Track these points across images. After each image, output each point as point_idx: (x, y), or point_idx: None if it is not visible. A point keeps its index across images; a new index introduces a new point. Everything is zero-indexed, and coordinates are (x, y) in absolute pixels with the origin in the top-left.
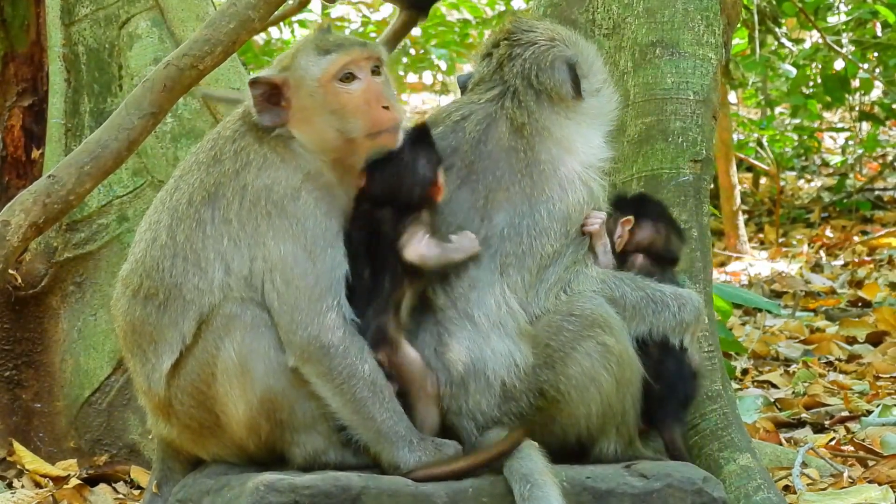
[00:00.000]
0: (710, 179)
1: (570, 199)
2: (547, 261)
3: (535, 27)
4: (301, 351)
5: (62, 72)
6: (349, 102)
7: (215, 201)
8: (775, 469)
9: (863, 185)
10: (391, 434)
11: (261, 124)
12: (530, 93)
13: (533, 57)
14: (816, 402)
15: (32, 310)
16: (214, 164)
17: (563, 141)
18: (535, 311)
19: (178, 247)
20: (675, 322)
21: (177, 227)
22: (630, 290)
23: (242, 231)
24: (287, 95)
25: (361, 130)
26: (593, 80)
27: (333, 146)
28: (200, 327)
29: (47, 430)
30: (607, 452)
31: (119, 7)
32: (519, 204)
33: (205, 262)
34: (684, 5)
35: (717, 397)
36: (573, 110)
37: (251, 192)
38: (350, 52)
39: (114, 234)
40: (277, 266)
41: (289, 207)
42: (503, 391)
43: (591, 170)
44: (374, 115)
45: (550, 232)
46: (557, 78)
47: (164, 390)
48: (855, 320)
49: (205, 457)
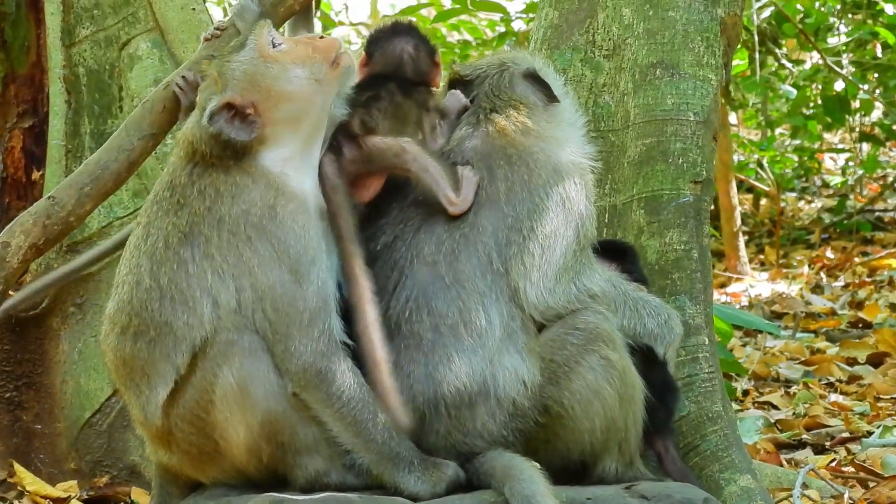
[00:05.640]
0: (711, 200)
1: (566, 182)
2: (549, 241)
3: (479, 64)
4: (298, 378)
5: (62, 93)
6: (294, 52)
7: (193, 240)
8: (776, 490)
9: (863, 206)
10: (392, 455)
11: (240, 142)
12: (505, 108)
13: (490, 86)
14: (817, 423)
15: (33, 331)
16: (182, 208)
17: (550, 138)
18: (548, 300)
19: (163, 289)
20: (665, 330)
21: (158, 270)
22: (631, 289)
23: (226, 263)
24: (245, 102)
25: (324, 62)
26: (555, 87)
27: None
28: (195, 358)
29: (48, 452)
30: (609, 472)
31: (119, 29)
32: (518, 191)
33: (192, 301)
34: (684, 26)
35: (717, 418)
36: (550, 114)
37: (229, 222)
38: (254, 29)
39: (114, 257)
40: (266, 294)
41: (268, 227)
42: (513, 410)
43: (581, 161)
44: (321, 44)
45: (548, 213)
46: (521, 93)
47: (162, 420)
48: (855, 341)
49: (204, 480)
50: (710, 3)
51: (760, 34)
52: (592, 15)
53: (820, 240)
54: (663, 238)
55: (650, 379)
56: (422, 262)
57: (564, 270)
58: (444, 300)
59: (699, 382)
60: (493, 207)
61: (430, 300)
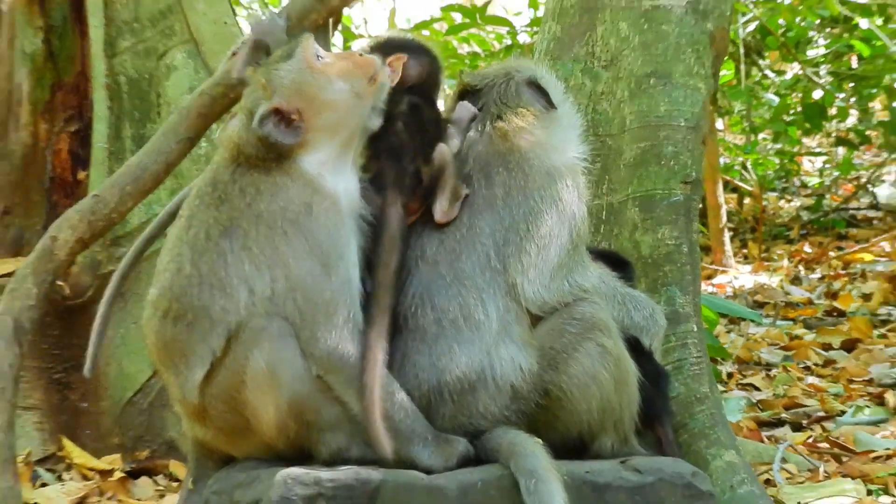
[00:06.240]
0: (699, 199)
1: (559, 184)
2: (544, 241)
3: (487, 73)
4: (322, 362)
5: (105, 100)
6: (339, 66)
7: (232, 233)
8: (757, 464)
9: (838, 205)
10: (408, 432)
11: (285, 145)
12: (507, 112)
13: (498, 93)
14: (795, 403)
15: (79, 318)
16: (223, 204)
17: (546, 143)
18: (543, 295)
19: (202, 276)
20: (650, 323)
21: (198, 259)
22: (619, 285)
23: (262, 255)
24: (291, 108)
25: (363, 77)
26: (555, 93)
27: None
28: (229, 341)
29: (93, 428)
30: (605, 448)
31: (157, 40)
32: (515, 195)
33: (229, 288)
34: (676, 39)
35: (704, 399)
36: (548, 119)
37: (267, 218)
38: (300, 41)
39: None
40: (298, 284)
41: (303, 222)
42: (512, 394)
43: (573, 163)
44: (360, 61)
45: (543, 215)
46: (525, 99)
47: (198, 398)
48: (830, 328)
49: (236, 455)
50: (700, 17)
51: (746, 46)
52: (592, 28)
53: (798, 235)
54: (656, 234)
55: (643, 369)
56: (425, 261)
57: (559, 268)
58: (445, 296)
59: (688, 366)
60: (490, 211)
61: (433, 296)
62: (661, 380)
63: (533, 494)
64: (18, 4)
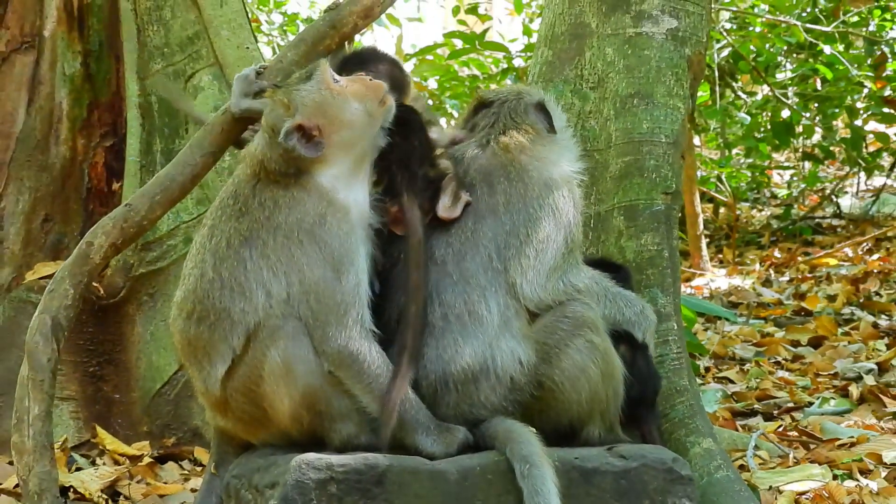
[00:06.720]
0: (679, 209)
1: (556, 194)
2: (542, 245)
3: (501, 91)
4: (333, 358)
5: (138, 118)
6: (353, 88)
7: (252, 242)
8: (732, 451)
9: (805, 214)
10: (412, 422)
11: (307, 158)
12: (512, 128)
13: (508, 108)
14: (766, 395)
15: (112, 316)
16: (243, 215)
17: (545, 158)
18: (540, 294)
19: (224, 281)
20: (641, 318)
21: (220, 265)
22: (611, 285)
23: (279, 262)
24: (311, 125)
25: (374, 99)
26: (558, 120)
27: (363, 133)
28: (248, 340)
29: (124, 417)
30: (593, 436)
31: (185, 64)
32: (515, 203)
33: (248, 291)
34: (657, 63)
35: (684, 391)
36: (549, 140)
37: (285, 228)
38: (317, 65)
39: (180, 254)
40: (312, 288)
41: (317, 231)
42: (511, 385)
43: (569, 176)
44: (371, 85)
45: (541, 222)
46: (532, 119)
47: (220, 391)
48: (799, 327)
49: (255, 442)
50: (679, 43)
51: (720, 70)
52: (581, 53)
53: (769, 242)
54: (639, 240)
55: (636, 371)
56: (433, 262)
57: (554, 270)
58: (451, 294)
59: (669, 361)
60: (492, 217)
61: (440, 294)
62: (651, 382)
63: (527, 478)
64: (59, 31)
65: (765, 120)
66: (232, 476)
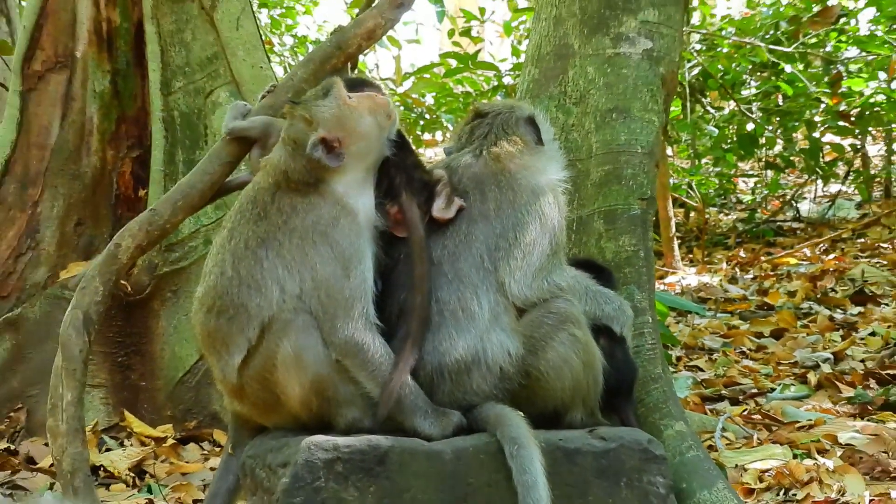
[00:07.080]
0: (653, 213)
1: (542, 201)
2: (529, 247)
3: (496, 104)
4: (340, 348)
5: (162, 131)
6: (366, 103)
7: (268, 244)
8: (702, 433)
9: (768, 218)
10: (411, 406)
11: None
12: (503, 138)
13: (501, 120)
14: (733, 381)
15: (139, 311)
16: (261, 219)
17: (533, 168)
18: (527, 292)
19: (241, 278)
20: (619, 313)
21: (238, 264)
22: (591, 284)
23: (294, 261)
24: (332, 137)
25: (385, 115)
26: (547, 134)
27: (375, 144)
28: (263, 332)
29: (150, 403)
30: (575, 420)
31: (205, 82)
32: (505, 208)
33: (264, 288)
34: (634, 81)
35: (658, 378)
36: (537, 151)
37: (300, 231)
38: (332, 82)
39: (201, 254)
40: (322, 284)
41: (330, 233)
42: (500, 374)
43: (555, 184)
44: (379, 100)
45: (529, 226)
46: (522, 132)
47: (237, 379)
48: (762, 320)
49: (268, 425)
50: (653, 63)
51: (691, 87)
52: (564, 72)
53: (735, 243)
54: (618, 241)
55: (615, 361)
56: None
57: (540, 270)
58: (446, 291)
59: (644, 351)
60: (484, 221)
61: (436, 291)
62: (628, 372)
63: (515, 458)
64: (90, 52)
65: (731, 132)
66: (247, 456)
